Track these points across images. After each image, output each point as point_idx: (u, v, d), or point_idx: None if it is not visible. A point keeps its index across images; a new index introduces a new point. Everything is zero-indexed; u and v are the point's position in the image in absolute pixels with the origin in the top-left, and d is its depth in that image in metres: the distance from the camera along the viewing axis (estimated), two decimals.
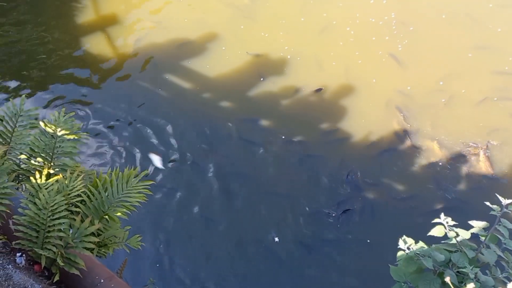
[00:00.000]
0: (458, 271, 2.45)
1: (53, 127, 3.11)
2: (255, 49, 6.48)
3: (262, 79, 6.16)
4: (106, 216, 2.99)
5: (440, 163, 5.38)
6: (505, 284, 2.35)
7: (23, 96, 3.39)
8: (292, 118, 5.82)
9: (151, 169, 5.23)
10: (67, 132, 3.11)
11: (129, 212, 2.98)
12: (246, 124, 5.75)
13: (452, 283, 2.27)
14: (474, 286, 1.74)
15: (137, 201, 2.95)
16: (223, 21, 6.86)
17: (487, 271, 2.52)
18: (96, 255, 3.06)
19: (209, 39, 6.62)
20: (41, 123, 3.13)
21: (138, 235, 3.24)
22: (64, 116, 3.23)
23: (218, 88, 6.10)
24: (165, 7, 7.10)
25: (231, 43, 6.58)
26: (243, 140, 5.57)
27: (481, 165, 5.37)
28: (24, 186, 3.17)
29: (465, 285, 1.94)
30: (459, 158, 5.43)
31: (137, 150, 5.40)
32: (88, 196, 2.99)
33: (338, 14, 7.01)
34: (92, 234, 2.85)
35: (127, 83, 6.12)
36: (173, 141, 5.50)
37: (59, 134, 3.10)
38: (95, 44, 6.51)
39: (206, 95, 6.02)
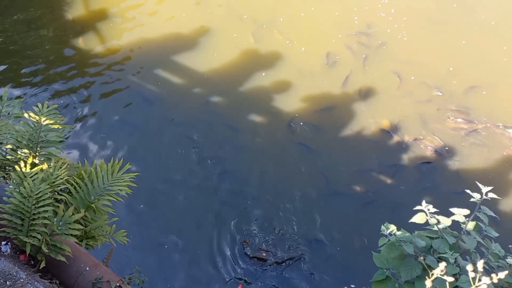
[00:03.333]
0: (439, 257, 2.49)
1: (37, 118, 3.11)
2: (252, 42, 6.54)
3: (263, 74, 6.23)
4: (93, 206, 2.99)
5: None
6: (485, 271, 2.39)
7: (6, 88, 3.38)
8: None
9: None
10: (51, 122, 3.12)
11: (116, 200, 2.99)
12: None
13: (431, 267, 2.31)
14: (446, 265, 1.78)
15: (121, 190, 2.97)
16: (219, 15, 6.89)
17: (467, 257, 2.56)
18: (85, 247, 3.07)
19: (202, 33, 6.62)
20: (25, 114, 3.14)
21: (123, 230, 3.23)
22: (48, 108, 3.23)
23: (219, 79, 6.14)
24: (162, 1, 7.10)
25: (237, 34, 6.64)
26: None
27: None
28: (10, 176, 3.16)
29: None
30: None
31: (125, 144, 5.39)
32: (74, 187, 3.00)
33: (339, 8, 7.15)
34: (79, 223, 2.85)
35: (119, 80, 6.06)
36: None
37: (43, 124, 3.10)
38: (85, 40, 6.44)
39: (204, 89, 6.03)
